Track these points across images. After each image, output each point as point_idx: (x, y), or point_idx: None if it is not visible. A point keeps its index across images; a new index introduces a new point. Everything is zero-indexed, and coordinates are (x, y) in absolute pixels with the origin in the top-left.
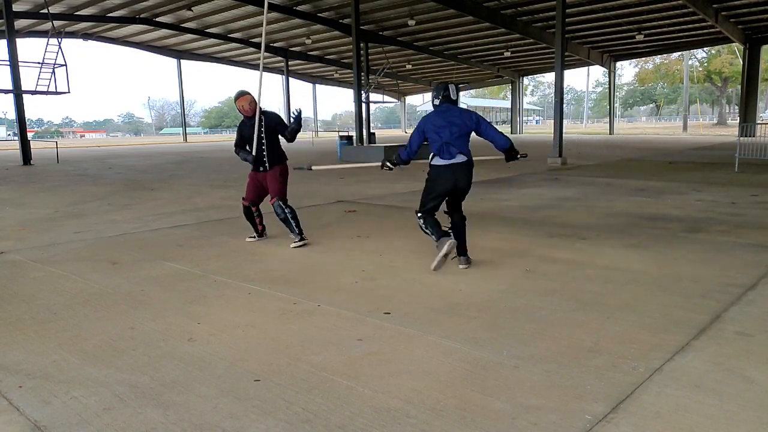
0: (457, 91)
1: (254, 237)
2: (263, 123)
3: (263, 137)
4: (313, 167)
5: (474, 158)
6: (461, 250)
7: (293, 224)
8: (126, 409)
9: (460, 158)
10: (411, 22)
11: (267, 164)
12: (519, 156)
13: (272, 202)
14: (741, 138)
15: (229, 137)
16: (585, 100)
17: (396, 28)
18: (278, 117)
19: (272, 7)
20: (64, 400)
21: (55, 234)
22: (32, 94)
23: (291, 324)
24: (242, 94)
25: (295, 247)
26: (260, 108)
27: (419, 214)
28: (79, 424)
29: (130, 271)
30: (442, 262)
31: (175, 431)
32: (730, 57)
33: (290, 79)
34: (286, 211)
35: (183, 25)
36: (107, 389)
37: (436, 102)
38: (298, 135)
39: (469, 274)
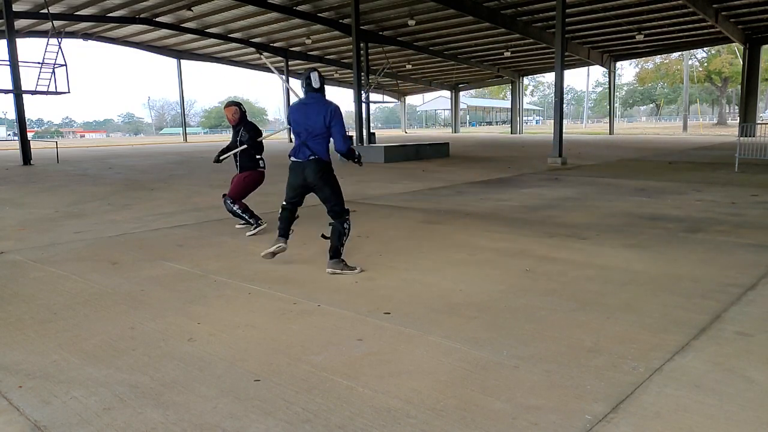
0: (321, 78)
1: (242, 224)
2: (241, 132)
3: (238, 144)
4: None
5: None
6: (330, 252)
7: (245, 216)
8: (126, 409)
9: (311, 158)
10: (411, 22)
11: (238, 167)
12: (357, 161)
13: (223, 197)
14: (741, 138)
15: (230, 137)
16: (585, 100)
17: (396, 28)
18: (253, 130)
19: (272, 7)
20: (64, 400)
21: (55, 234)
22: (32, 94)
23: (291, 324)
24: (228, 105)
25: (250, 235)
26: (239, 117)
27: (283, 203)
28: (79, 424)
29: (130, 271)
30: (269, 256)
31: (175, 431)
32: (730, 57)
33: (290, 79)
34: (234, 207)
35: (183, 25)
36: (107, 389)
37: (303, 91)
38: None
39: (469, 274)
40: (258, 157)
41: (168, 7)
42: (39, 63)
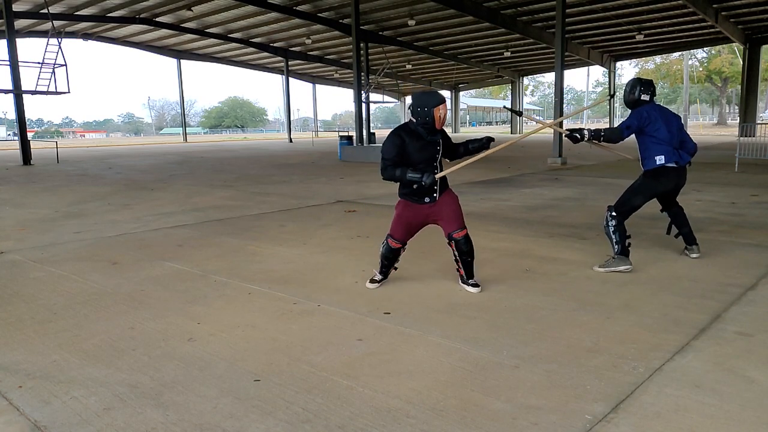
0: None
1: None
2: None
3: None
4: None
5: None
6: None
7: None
8: (126, 409)
9: None
10: (411, 22)
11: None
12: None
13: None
14: (741, 138)
15: (229, 137)
16: (585, 100)
17: (396, 28)
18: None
19: (272, 7)
20: (64, 400)
21: (55, 234)
22: (32, 94)
23: (291, 324)
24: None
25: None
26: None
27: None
28: (79, 424)
29: (130, 271)
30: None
31: (175, 431)
32: (730, 57)
33: (290, 79)
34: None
35: (183, 25)
36: (107, 389)
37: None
38: (300, 135)
39: None
40: None
41: (168, 7)
42: (39, 63)
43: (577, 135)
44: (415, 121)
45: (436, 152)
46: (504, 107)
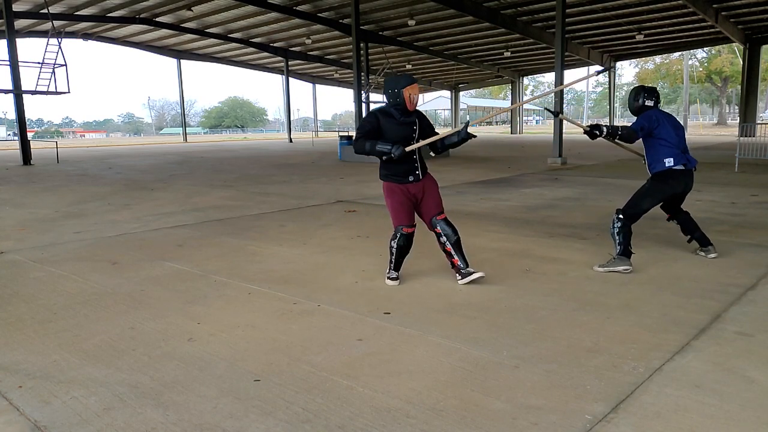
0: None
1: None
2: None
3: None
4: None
5: None
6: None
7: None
8: (126, 409)
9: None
10: (411, 22)
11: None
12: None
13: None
14: (741, 138)
15: (229, 137)
16: (585, 100)
17: (396, 28)
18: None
19: (272, 7)
20: (64, 400)
21: (55, 234)
22: (32, 94)
23: (291, 324)
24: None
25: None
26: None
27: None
28: (79, 424)
29: (130, 271)
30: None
31: (175, 431)
32: (730, 57)
33: (290, 79)
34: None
35: (183, 25)
36: (107, 389)
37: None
38: (300, 135)
39: None
40: None
41: (168, 7)
42: (39, 63)
43: (596, 132)
44: (389, 103)
45: (413, 132)
46: (545, 108)
